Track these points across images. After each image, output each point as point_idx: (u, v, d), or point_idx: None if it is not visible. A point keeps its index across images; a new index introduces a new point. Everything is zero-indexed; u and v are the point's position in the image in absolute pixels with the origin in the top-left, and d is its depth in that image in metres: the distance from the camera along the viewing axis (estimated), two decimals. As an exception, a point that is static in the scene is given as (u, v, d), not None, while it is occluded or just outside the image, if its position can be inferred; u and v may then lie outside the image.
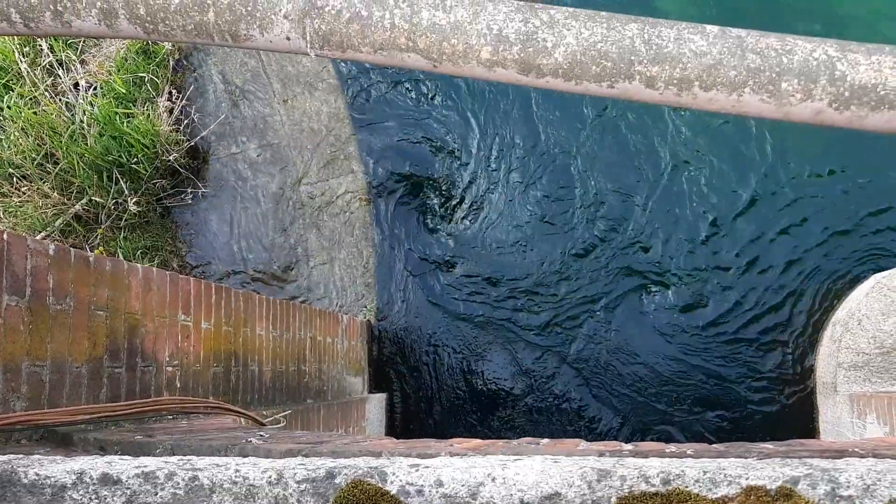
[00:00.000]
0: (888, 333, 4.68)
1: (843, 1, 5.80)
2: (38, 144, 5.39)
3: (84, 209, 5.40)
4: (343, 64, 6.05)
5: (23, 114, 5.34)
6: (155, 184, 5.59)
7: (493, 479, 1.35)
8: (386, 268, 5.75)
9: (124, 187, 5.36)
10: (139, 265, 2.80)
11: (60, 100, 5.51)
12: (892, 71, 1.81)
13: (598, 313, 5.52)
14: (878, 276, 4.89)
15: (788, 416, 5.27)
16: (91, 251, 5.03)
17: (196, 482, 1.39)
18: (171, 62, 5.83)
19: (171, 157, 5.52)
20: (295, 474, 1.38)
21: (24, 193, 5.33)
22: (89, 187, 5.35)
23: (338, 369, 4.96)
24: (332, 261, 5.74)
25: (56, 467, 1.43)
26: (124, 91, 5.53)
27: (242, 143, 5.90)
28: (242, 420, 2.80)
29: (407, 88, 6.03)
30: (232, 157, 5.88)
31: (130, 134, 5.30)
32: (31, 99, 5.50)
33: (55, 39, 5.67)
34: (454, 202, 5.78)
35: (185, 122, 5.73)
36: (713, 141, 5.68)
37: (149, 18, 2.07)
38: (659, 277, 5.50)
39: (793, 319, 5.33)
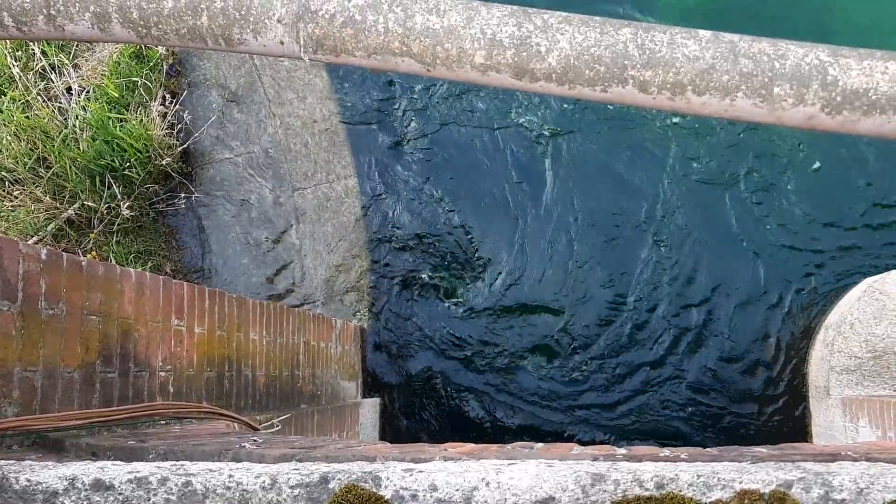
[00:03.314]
0: (880, 337, 4.70)
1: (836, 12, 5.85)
2: (30, 149, 5.37)
3: (76, 214, 5.38)
4: (336, 68, 6.06)
5: (15, 118, 5.32)
6: (148, 188, 5.58)
7: (488, 484, 1.35)
8: (381, 272, 5.74)
9: (117, 192, 5.34)
10: (132, 270, 2.79)
11: (53, 104, 5.49)
12: (883, 76, 1.82)
13: (599, 318, 5.53)
14: (870, 279, 4.91)
15: (781, 420, 5.28)
16: (83, 256, 5.01)
17: (189, 487, 1.38)
18: (165, 67, 5.82)
19: (164, 162, 5.50)
20: (289, 479, 1.38)
21: (17, 198, 5.31)
22: (82, 192, 5.33)
23: (332, 374, 4.95)
24: (326, 265, 5.74)
25: (48, 473, 1.42)
26: (117, 95, 5.51)
27: (236, 148, 5.89)
28: (236, 425, 2.79)
29: (400, 90, 6.04)
30: (225, 162, 5.87)
31: (123, 138, 5.29)
32: (23, 103, 5.48)
33: (48, 43, 5.65)
34: (450, 205, 5.79)
35: (179, 126, 5.72)
36: (712, 145, 5.71)
37: (142, 22, 2.07)
38: (649, 283, 5.52)
39: (785, 323, 5.34)
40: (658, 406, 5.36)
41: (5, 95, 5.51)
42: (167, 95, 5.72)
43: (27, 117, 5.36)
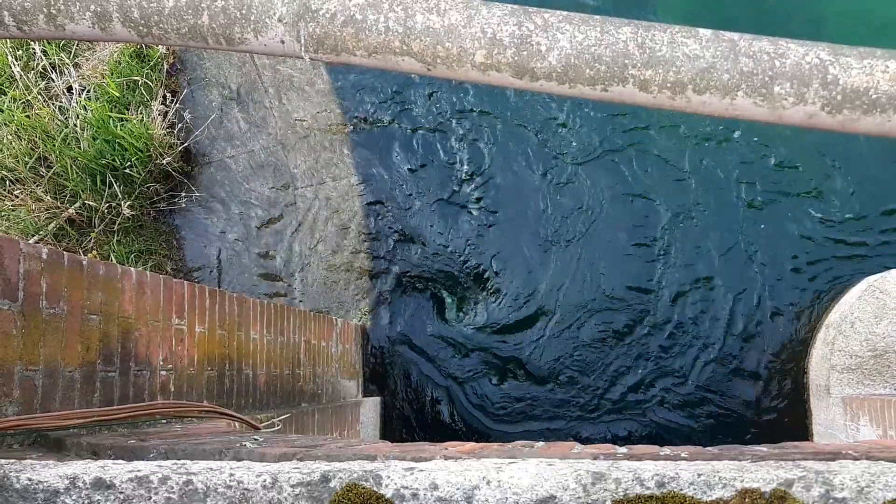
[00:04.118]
0: (880, 336, 4.69)
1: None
2: (31, 148, 5.37)
3: (77, 213, 5.38)
4: (338, 68, 6.06)
5: (16, 117, 5.32)
6: (149, 187, 5.58)
7: (488, 483, 1.35)
8: (381, 271, 5.74)
9: (118, 191, 5.35)
10: (132, 269, 2.79)
11: (54, 103, 5.49)
12: (883, 75, 1.82)
13: (600, 317, 5.53)
14: (870, 278, 4.91)
15: (782, 418, 5.28)
16: (84, 255, 5.01)
17: (190, 486, 1.39)
18: (165, 66, 5.82)
19: (164, 161, 5.50)
20: (290, 478, 1.38)
21: (17, 197, 5.31)
22: (83, 191, 5.33)
23: (332, 373, 4.95)
24: (327, 264, 5.73)
25: (48, 472, 1.42)
26: (118, 95, 5.51)
27: (236, 147, 5.89)
28: (237, 424, 2.79)
29: (401, 90, 6.04)
30: (225, 161, 5.87)
31: (124, 137, 5.29)
32: (24, 102, 5.48)
33: (48, 43, 5.65)
34: (452, 204, 5.79)
35: (179, 126, 5.72)
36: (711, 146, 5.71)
37: (143, 22, 2.07)
38: (655, 283, 5.52)
39: (786, 322, 5.34)
40: (659, 405, 5.35)
41: (6, 95, 5.51)
42: (168, 94, 5.73)
43: (28, 116, 5.37)
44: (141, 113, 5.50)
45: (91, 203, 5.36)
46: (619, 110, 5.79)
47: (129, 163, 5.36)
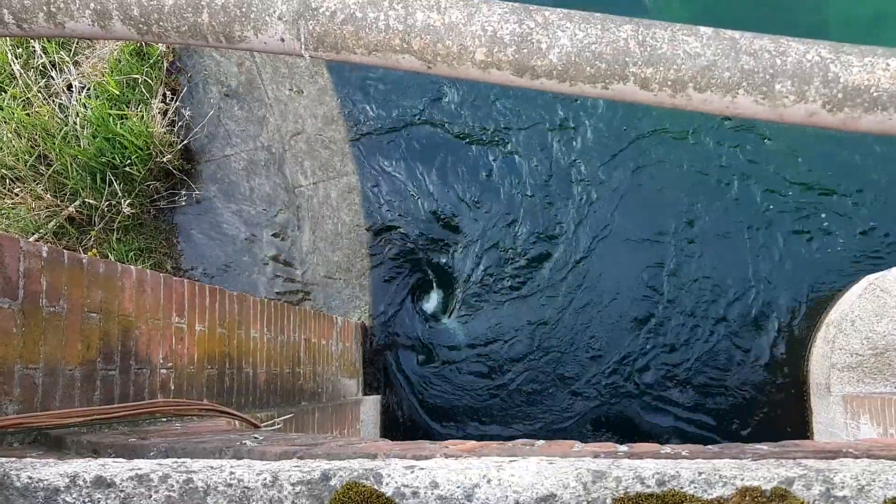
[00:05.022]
0: (881, 335, 4.69)
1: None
2: (31, 146, 5.36)
3: (77, 211, 5.38)
4: (338, 65, 6.05)
5: (15, 115, 5.31)
6: (149, 186, 5.57)
7: (489, 481, 1.35)
8: (381, 269, 5.74)
9: (118, 189, 5.34)
10: (133, 267, 2.79)
11: (53, 101, 5.49)
12: (885, 72, 1.82)
13: (598, 316, 5.53)
14: (871, 277, 4.91)
15: (783, 417, 5.28)
16: (84, 253, 5.01)
17: (190, 485, 1.38)
18: (165, 64, 5.82)
19: (164, 159, 5.50)
20: (290, 476, 1.38)
21: (17, 195, 5.31)
22: (82, 189, 5.33)
23: (332, 371, 4.95)
24: (327, 262, 5.73)
25: (49, 470, 1.42)
26: (118, 93, 5.51)
27: (236, 145, 5.89)
28: (237, 422, 2.79)
29: (403, 87, 6.03)
30: (225, 159, 5.87)
31: (124, 135, 5.28)
32: (23, 100, 5.47)
33: (48, 41, 5.65)
34: (454, 204, 5.78)
35: (179, 123, 5.72)
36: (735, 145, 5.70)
37: (142, 19, 2.07)
38: (656, 281, 5.52)
39: (787, 320, 5.34)
40: (660, 404, 5.36)
41: (6, 93, 5.50)
42: (167, 92, 5.72)
43: (28, 115, 5.36)
44: (141, 111, 5.50)
45: (91, 201, 5.36)
46: (615, 107, 5.79)
47: (129, 161, 5.36)
